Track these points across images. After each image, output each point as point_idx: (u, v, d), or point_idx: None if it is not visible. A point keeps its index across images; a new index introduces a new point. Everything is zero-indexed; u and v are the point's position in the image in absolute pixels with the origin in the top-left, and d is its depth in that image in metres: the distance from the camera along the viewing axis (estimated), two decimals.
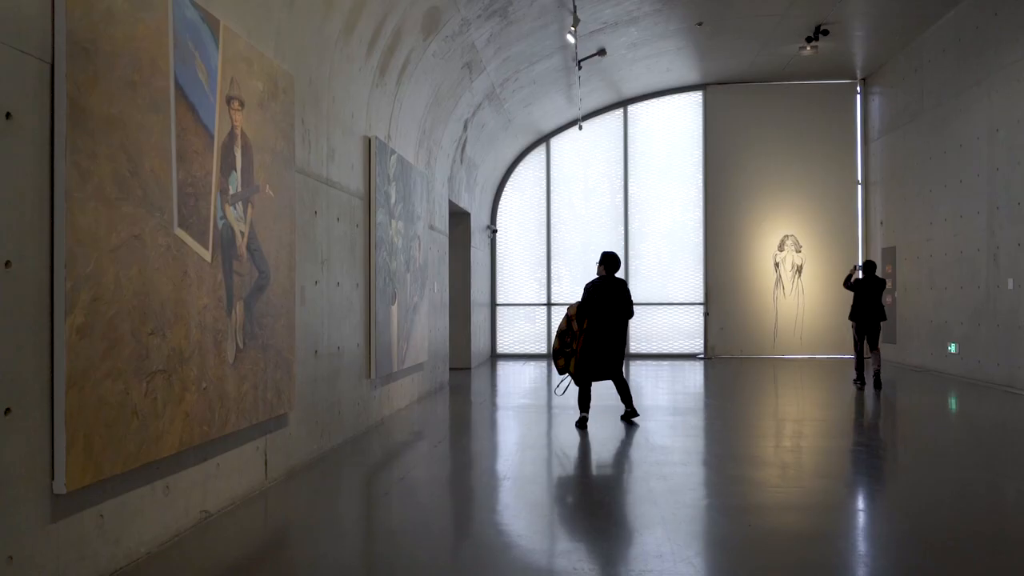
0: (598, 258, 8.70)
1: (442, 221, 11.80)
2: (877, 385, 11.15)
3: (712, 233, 16.86)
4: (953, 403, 10.32)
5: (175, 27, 4.31)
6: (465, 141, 12.68)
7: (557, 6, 10.47)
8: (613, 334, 8.24)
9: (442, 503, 5.74)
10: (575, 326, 8.27)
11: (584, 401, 8.29)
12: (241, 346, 5.12)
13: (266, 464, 5.63)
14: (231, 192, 5.00)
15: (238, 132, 5.09)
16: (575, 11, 10.12)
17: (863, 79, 16.48)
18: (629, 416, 8.49)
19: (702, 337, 16.90)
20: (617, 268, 8.46)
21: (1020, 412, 9.33)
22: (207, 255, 4.68)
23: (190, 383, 4.46)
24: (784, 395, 11.67)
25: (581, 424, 8.23)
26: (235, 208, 5.06)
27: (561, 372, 8.45)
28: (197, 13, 4.56)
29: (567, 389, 8.58)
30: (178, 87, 4.35)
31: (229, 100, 4.97)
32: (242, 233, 5.15)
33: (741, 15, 12.92)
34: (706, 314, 16.76)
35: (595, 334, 8.20)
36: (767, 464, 6.65)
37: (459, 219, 14.11)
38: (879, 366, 11.30)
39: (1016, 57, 10.79)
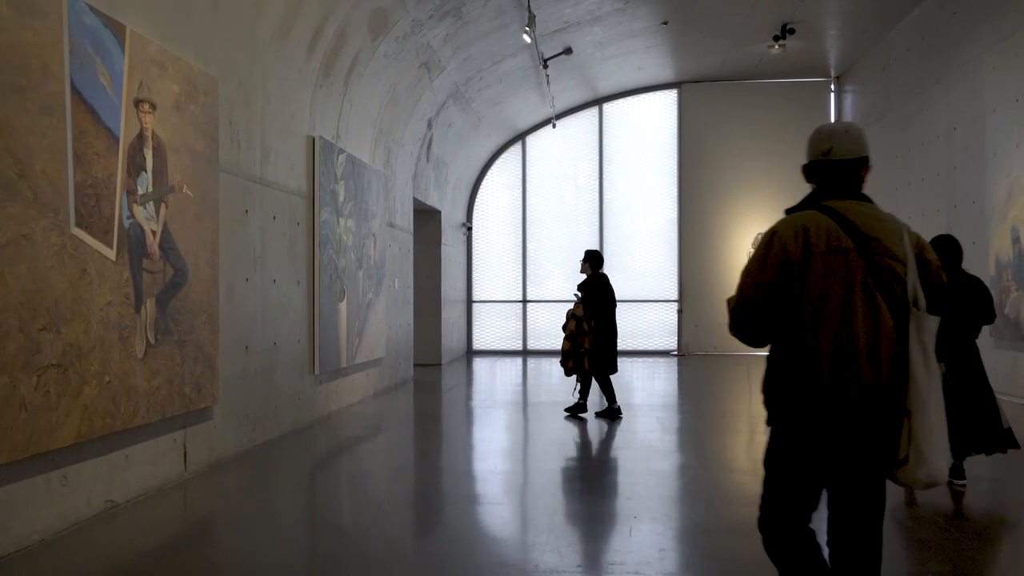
0: (582, 256, 8.99)
1: (404, 219, 11.94)
2: None
3: (687, 230, 16.95)
4: None
5: (71, 33, 4.46)
6: (431, 140, 12.81)
7: (514, 5, 10.58)
8: (615, 328, 8.67)
9: (376, 495, 5.89)
10: (586, 325, 8.48)
11: (611, 391, 8.63)
12: (153, 342, 5.27)
13: (185, 456, 5.79)
14: (140, 192, 5.15)
15: (148, 134, 5.23)
16: (530, 9, 10.23)
17: (837, 77, 16.54)
18: (576, 411, 8.66)
19: (676, 334, 17.00)
20: (602, 264, 8.83)
21: None
22: (111, 253, 4.83)
23: (90, 377, 4.61)
24: (747, 391, 11.79)
25: (617, 412, 8.59)
26: (145, 208, 5.21)
27: (569, 374, 8.65)
28: (98, 20, 4.70)
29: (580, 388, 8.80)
30: (75, 91, 4.50)
31: (138, 103, 5.12)
32: (153, 232, 5.30)
33: (707, 14, 13.00)
34: (680, 311, 16.86)
35: (607, 328, 8.55)
36: (731, 458, 6.77)
37: (428, 217, 14.24)
38: None
39: (972, 56, 10.85)
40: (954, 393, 5.24)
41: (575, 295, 8.82)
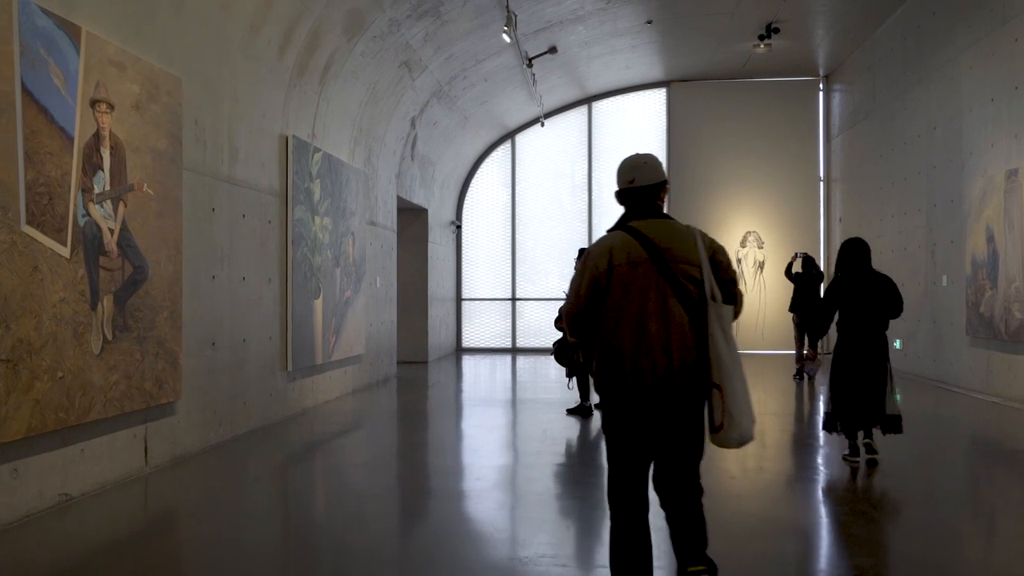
0: (575, 254, 9.08)
1: (387, 217, 12.02)
2: (800, 376, 11.48)
3: None
4: None
5: (22, 35, 4.55)
6: (415, 138, 12.89)
7: (494, 5, 10.63)
8: None
9: (348, 490, 5.97)
10: None
11: (587, 389, 8.74)
12: (110, 338, 5.36)
13: (146, 451, 5.88)
14: (96, 191, 5.24)
15: (106, 133, 5.32)
16: (508, 9, 10.29)
17: (825, 76, 16.56)
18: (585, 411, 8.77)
19: None
20: None
21: (940, 407, 9.48)
22: (64, 251, 4.92)
23: (41, 372, 4.70)
24: None
25: (590, 411, 8.64)
26: (102, 206, 5.30)
27: (576, 366, 8.74)
28: (51, 21, 4.79)
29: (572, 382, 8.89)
30: (26, 92, 4.59)
31: (94, 103, 5.21)
32: (111, 230, 5.39)
33: (690, 14, 13.04)
34: None
35: None
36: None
37: (414, 215, 14.33)
38: (811, 362, 11.52)
39: (950, 56, 10.87)
40: (858, 377, 5.97)
41: (564, 292, 8.89)
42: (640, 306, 2.96)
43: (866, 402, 5.99)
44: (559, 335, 8.82)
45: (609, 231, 3.18)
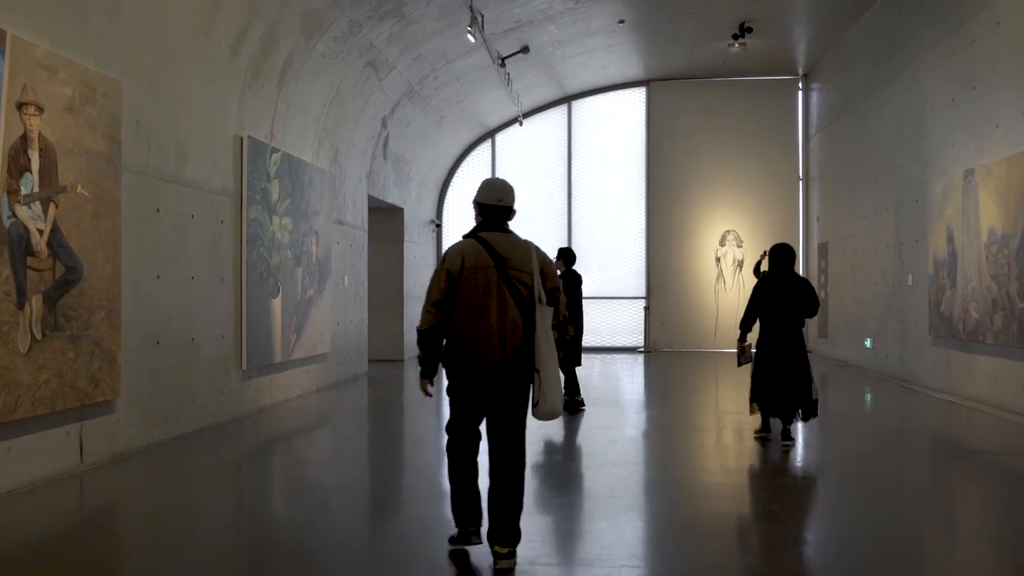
0: (556, 254, 9.14)
1: (357, 216, 12.08)
2: None
3: (654, 228, 17.03)
4: (834, 400, 10.49)
5: None
6: (387, 138, 12.95)
7: (459, 5, 10.67)
8: (581, 323, 9.08)
9: (292, 487, 6.03)
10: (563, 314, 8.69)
11: (575, 385, 8.94)
12: (39, 337, 5.43)
13: (82, 449, 5.95)
14: (23, 192, 5.31)
15: (34, 136, 5.39)
16: (472, 10, 10.34)
17: (804, 75, 16.57)
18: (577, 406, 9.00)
19: (643, 331, 17.08)
20: (574, 262, 9.20)
21: (898, 406, 9.50)
22: None
23: None
24: (712, 387, 11.87)
25: (580, 404, 8.92)
26: (30, 208, 5.36)
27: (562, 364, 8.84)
28: None
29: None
30: None
31: (21, 106, 5.27)
32: (40, 231, 5.45)
33: (662, 13, 13.08)
34: (646, 308, 16.95)
35: (576, 323, 8.89)
36: (700, 454, 6.88)
37: (390, 214, 14.38)
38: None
39: (916, 56, 10.87)
40: (779, 369, 6.54)
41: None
42: (483, 302, 3.68)
43: (788, 390, 6.51)
44: None
45: (464, 238, 3.88)
